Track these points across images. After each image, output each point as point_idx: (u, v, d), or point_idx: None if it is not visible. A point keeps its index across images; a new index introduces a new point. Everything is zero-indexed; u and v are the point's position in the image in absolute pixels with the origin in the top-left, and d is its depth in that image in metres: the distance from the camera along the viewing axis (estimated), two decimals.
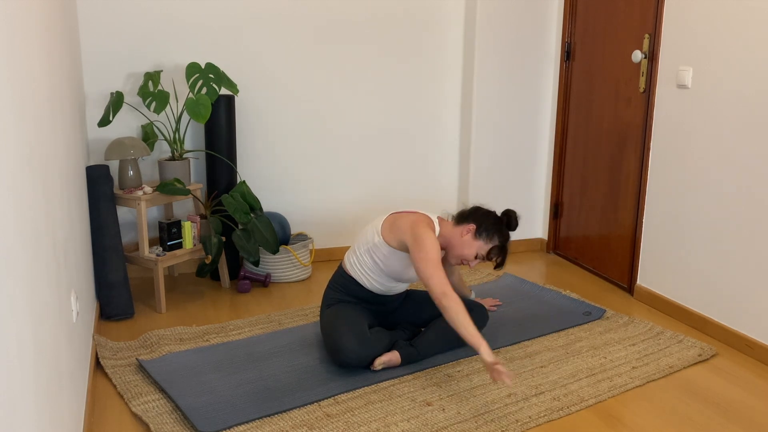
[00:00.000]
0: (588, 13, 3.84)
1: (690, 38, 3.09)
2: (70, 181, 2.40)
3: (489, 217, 2.67)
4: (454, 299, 2.41)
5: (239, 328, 3.03)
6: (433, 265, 2.48)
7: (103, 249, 3.09)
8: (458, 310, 2.39)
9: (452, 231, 2.68)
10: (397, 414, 2.35)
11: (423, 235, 2.53)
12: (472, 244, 2.65)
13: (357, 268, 2.74)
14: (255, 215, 3.37)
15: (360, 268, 2.73)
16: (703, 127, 3.05)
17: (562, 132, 4.12)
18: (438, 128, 4.16)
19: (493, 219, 2.67)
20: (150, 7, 3.48)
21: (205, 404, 2.36)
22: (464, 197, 4.21)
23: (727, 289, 2.99)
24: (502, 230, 2.67)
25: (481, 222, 2.66)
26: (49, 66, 2.01)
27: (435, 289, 2.44)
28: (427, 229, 2.57)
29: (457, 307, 2.40)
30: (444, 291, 2.42)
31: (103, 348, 2.77)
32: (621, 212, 3.66)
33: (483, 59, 4.00)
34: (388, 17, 3.90)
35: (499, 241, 2.66)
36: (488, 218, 2.67)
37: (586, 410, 2.42)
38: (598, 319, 3.18)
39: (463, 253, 2.65)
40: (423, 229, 2.56)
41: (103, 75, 3.48)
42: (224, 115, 3.49)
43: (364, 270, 2.72)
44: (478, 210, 2.71)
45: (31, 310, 1.38)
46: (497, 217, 2.69)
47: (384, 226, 2.69)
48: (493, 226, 2.66)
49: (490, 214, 2.69)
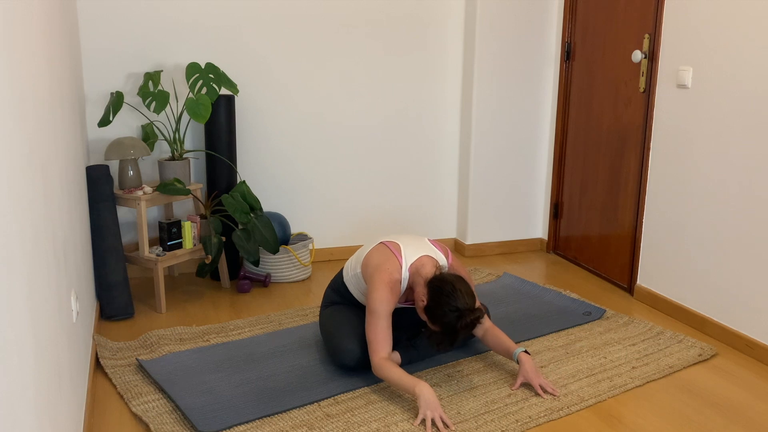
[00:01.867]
0: (588, 13, 3.84)
1: (690, 38, 3.09)
2: (70, 181, 2.40)
3: (442, 307, 2.33)
4: (384, 368, 2.36)
5: (239, 328, 3.03)
6: (377, 335, 2.42)
7: (103, 249, 3.09)
8: (389, 375, 2.35)
9: (417, 283, 2.47)
10: (397, 414, 2.35)
11: (375, 303, 2.43)
12: (422, 313, 2.43)
13: (350, 285, 2.74)
14: (255, 215, 3.37)
15: (353, 286, 2.73)
16: (703, 127, 3.05)
17: (562, 132, 4.12)
18: (438, 128, 4.16)
19: (446, 311, 2.32)
20: (150, 7, 3.48)
21: (205, 404, 2.36)
22: (464, 196, 4.21)
23: (727, 289, 2.99)
24: (452, 326, 2.33)
25: (434, 303, 2.36)
26: (49, 66, 2.01)
27: (371, 356, 2.42)
28: (382, 298, 2.43)
29: (388, 373, 2.36)
30: (375, 361, 2.40)
31: (103, 348, 2.77)
32: (621, 212, 3.66)
33: (483, 59, 4.00)
34: (388, 18, 3.90)
35: (442, 329, 2.36)
36: (441, 306, 2.33)
37: (586, 410, 2.42)
38: (598, 319, 3.18)
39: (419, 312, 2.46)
40: (377, 296, 2.44)
41: (103, 75, 3.48)
42: (224, 115, 3.49)
43: (355, 290, 2.73)
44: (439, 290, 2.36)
45: (31, 310, 1.38)
46: (457, 311, 2.31)
47: (364, 261, 2.60)
48: (444, 318, 2.33)
49: (448, 306, 2.32)
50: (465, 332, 2.35)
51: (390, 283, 2.46)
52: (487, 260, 4.16)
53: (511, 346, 2.58)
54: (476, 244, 4.24)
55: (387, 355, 2.42)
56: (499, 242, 4.29)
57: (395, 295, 2.47)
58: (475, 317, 2.33)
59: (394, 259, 2.53)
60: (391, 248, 2.57)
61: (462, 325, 2.32)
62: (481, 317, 2.35)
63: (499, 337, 2.61)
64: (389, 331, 2.44)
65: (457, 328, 2.32)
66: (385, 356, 2.41)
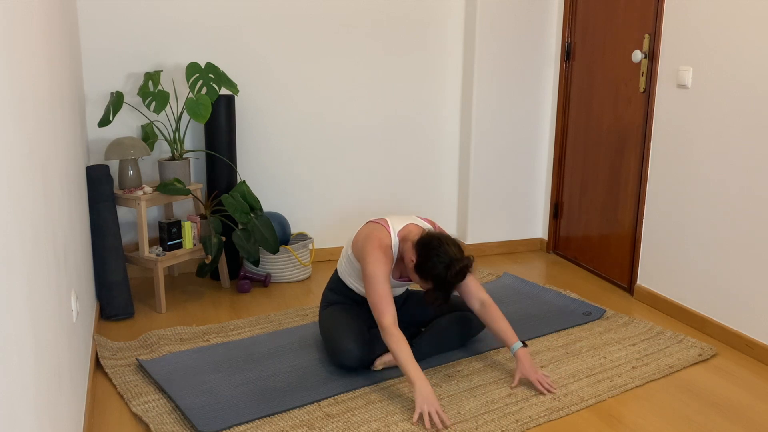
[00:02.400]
0: (588, 13, 3.84)
1: (690, 38, 3.09)
2: (70, 181, 2.40)
3: (431, 260, 2.38)
4: (394, 337, 2.36)
5: (239, 328, 3.03)
6: (378, 298, 2.41)
7: (103, 249, 3.09)
8: (397, 348, 2.35)
9: (406, 250, 2.50)
10: (397, 414, 2.35)
11: (370, 267, 2.45)
12: (413, 274, 2.47)
13: (348, 277, 2.75)
14: (255, 215, 3.37)
15: (349, 276, 2.74)
16: (703, 127, 3.05)
17: (562, 132, 4.12)
18: (438, 128, 4.16)
19: (435, 262, 2.37)
20: (150, 7, 3.48)
21: (205, 404, 2.36)
22: (464, 196, 4.21)
23: (727, 289, 2.99)
24: (442, 278, 2.38)
25: (422, 259, 2.40)
26: (49, 66, 2.01)
27: (379, 322, 2.41)
28: (376, 261, 2.45)
29: (395, 345, 2.35)
30: (384, 326, 2.39)
31: (103, 348, 2.77)
32: (621, 212, 3.66)
33: (483, 59, 4.00)
34: (388, 17, 3.90)
35: (435, 285, 2.42)
36: (430, 261, 2.38)
37: (586, 410, 2.42)
38: (598, 319, 3.18)
39: (412, 277, 2.50)
40: (371, 259, 2.46)
41: (103, 75, 3.48)
42: (224, 115, 3.49)
43: (352, 279, 2.73)
44: (427, 245, 2.41)
45: (31, 310, 1.38)
46: (445, 262, 2.36)
47: (353, 240, 2.63)
48: (433, 271, 2.37)
49: (435, 258, 2.37)
50: (456, 280, 2.38)
51: (381, 247, 2.49)
52: (487, 260, 4.16)
53: (510, 338, 2.57)
54: (476, 244, 4.24)
55: (393, 318, 2.40)
56: (499, 242, 4.30)
57: (388, 258, 2.49)
58: (464, 264, 2.38)
59: (383, 229, 2.56)
60: (379, 221, 2.62)
61: (452, 273, 2.36)
62: (470, 265, 2.40)
63: (497, 321, 2.60)
64: (390, 293, 2.45)
65: (447, 278, 2.36)
66: (392, 320, 2.39)
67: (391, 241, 2.54)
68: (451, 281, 2.38)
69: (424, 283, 2.44)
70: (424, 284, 2.45)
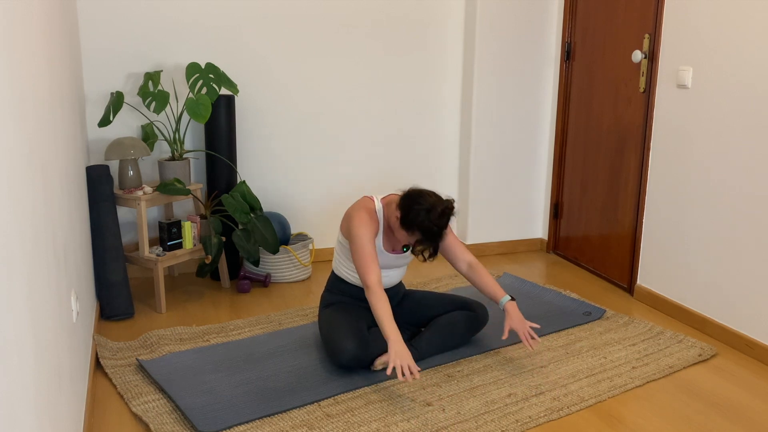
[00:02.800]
0: (588, 13, 3.84)
1: (690, 38, 3.09)
2: (70, 181, 2.40)
3: (413, 209, 2.45)
4: (376, 296, 2.45)
5: (239, 328, 3.03)
6: (363, 258, 2.51)
7: (103, 249, 3.09)
8: (377, 306, 2.44)
9: (390, 212, 2.59)
10: (397, 414, 2.35)
11: (355, 229, 2.56)
12: (400, 231, 2.54)
13: (340, 266, 2.77)
14: (255, 215, 3.37)
15: (341, 265, 2.77)
16: (703, 127, 3.05)
17: (562, 132, 4.12)
18: (438, 128, 4.16)
19: (417, 210, 2.44)
20: (150, 7, 3.48)
21: (205, 404, 2.36)
22: (464, 197, 4.21)
23: (727, 289, 2.99)
24: (427, 225, 2.45)
25: (405, 211, 2.48)
26: (49, 66, 2.01)
27: (364, 281, 2.50)
28: (360, 222, 2.55)
29: (377, 303, 2.44)
30: (369, 285, 2.48)
31: (103, 348, 2.77)
32: (621, 212, 3.66)
33: (483, 59, 4.00)
34: (387, 17, 3.90)
35: (422, 235, 2.49)
36: (413, 210, 2.45)
37: (586, 410, 2.42)
38: (598, 319, 3.18)
39: (399, 238, 2.58)
40: (356, 222, 2.56)
41: (103, 75, 3.48)
42: (224, 115, 3.49)
43: (344, 266, 2.75)
44: (408, 198, 2.50)
45: (31, 310, 1.38)
46: (426, 207, 2.44)
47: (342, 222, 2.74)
48: (416, 219, 2.45)
49: (417, 206, 2.45)
50: (441, 223, 2.45)
51: (366, 210, 2.59)
52: (487, 260, 4.16)
53: (498, 293, 2.70)
54: (476, 244, 4.24)
55: (378, 278, 2.49)
56: (499, 242, 4.30)
57: (374, 222, 2.58)
58: (445, 206, 2.47)
59: (367, 199, 2.67)
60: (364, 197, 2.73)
61: (435, 217, 2.44)
62: (451, 206, 2.48)
63: (485, 279, 2.74)
64: (375, 254, 2.53)
65: (431, 222, 2.44)
66: (377, 280, 2.49)
67: (375, 206, 2.64)
68: (435, 225, 2.45)
69: (411, 236, 2.52)
70: (411, 237, 2.52)
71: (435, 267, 3.97)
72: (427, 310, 2.85)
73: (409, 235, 2.51)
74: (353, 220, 2.58)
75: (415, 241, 2.53)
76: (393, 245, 2.70)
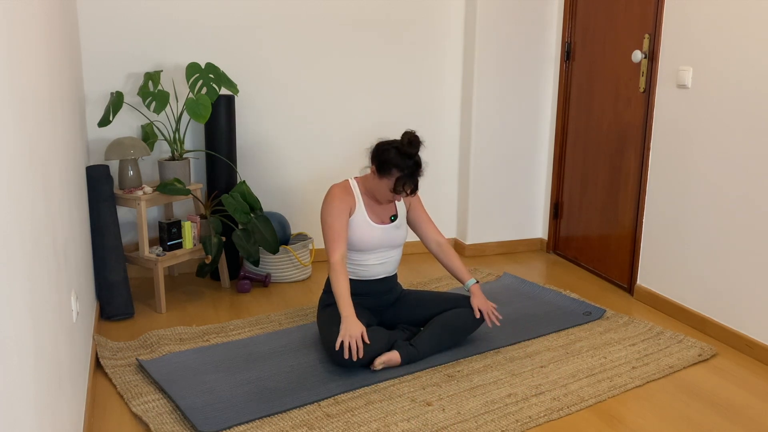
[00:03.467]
0: (588, 13, 3.84)
1: (690, 38, 3.09)
2: (70, 181, 2.40)
3: (383, 151, 2.61)
4: (337, 273, 2.58)
5: (239, 328, 3.03)
6: (331, 234, 2.64)
7: (103, 249, 3.09)
8: (336, 283, 2.57)
9: (367, 178, 2.73)
10: (397, 414, 2.35)
11: (325, 205, 2.69)
12: (380, 183, 2.64)
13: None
14: (255, 215, 3.37)
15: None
16: (703, 127, 3.05)
17: (562, 132, 4.12)
18: (438, 128, 4.16)
19: (386, 150, 2.61)
20: (150, 7, 3.48)
21: (205, 404, 2.36)
22: (464, 197, 4.21)
23: (727, 289, 2.99)
24: (400, 159, 2.58)
25: (377, 160, 2.63)
26: (49, 66, 2.01)
27: (329, 257, 2.63)
28: (331, 197, 2.69)
29: (337, 281, 2.57)
30: (332, 262, 2.61)
31: (103, 348, 2.77)
32: (621, 212, 3.66)
33: (483, 59, 4.00)
34: (388, 18, 3.90)
35: (399, 171, 2.59)
36: (383, 153, 2.61)
37: (586, 410, 2.42)
38: (598, 319, 3.18)
39: (382, 195, 2.67)
40: (327, 199, 2.70)
41: (103, 75, 3.48)
42: (224, 115, 3.49)
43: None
44: (376, 147, 2.66)
45: (31, 310, 1.38)
46: (395, 147, 2.60)
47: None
48: (388, 158, 2.59)
49: (386, 147, 2.62)
50: (412, 150, 2.58)
51: (338, 187, 2.72)
52: (487, 260, 4.16)
53: (465, 276, 2.87)
54: (476, 244, 4.24)
55: (342, 256, 2.61)
56: (499, 242, 4.30)
57: (348, 194, 2.70)
58: (410, 136, 2.60)
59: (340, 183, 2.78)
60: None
61: (405, 148, 2.58)
62: (413, 132, 2.62)
63: (453, 261, 2.89)
64: (343, 231, 2.64)
65: (403, 155, 2.57)
66: (340, 258, 2.61)
67: (350, 184, 2.76)
68: (406, 154, 2.58)
69: (389, 179, 2.61)
70: (390, 181, 2.61)
71: (435, 267, 3.97)
72: (425, 309, 2.86)
73: (388, 180, 2.61)
74: (326, 198, 2.71)
75: (394, 182, 2.61)
76: (380, 216, 2.76)
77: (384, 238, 2.76)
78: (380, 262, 2.80)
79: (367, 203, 2.76)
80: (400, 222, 2.83)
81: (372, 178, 2.69)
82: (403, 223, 2.85)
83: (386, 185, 2.64)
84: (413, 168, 2.60)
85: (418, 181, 2.64)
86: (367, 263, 2.77)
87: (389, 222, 2.79)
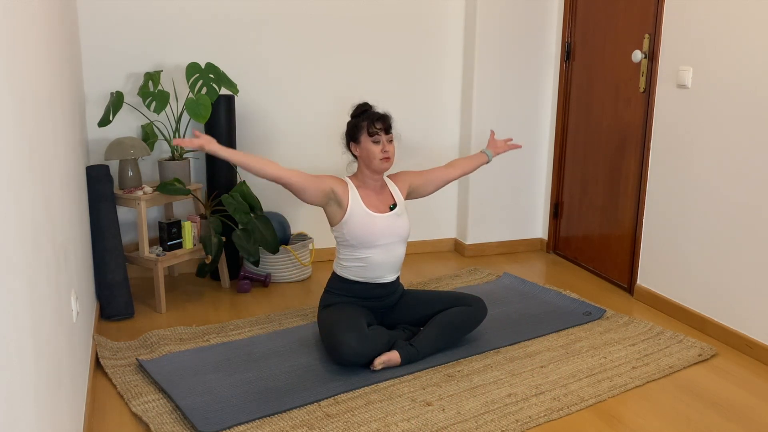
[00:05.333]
0: (588, 13, 3.84)
1: (690, 38, 3.09)
2: (70, 181, 2.40)
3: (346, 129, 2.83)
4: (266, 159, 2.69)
5: (239, 328, 3.03)
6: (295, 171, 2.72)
7: (103, 249, 3.09)
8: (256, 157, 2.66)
9: (358, 168, 2.84)
10: (397, 414, 2.35)
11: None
12: (362, 148, 2.76)
13: (341, 262, 2.80)
14: (255, 215, 3.37)
15: (342, 260, 2.79)
16: (703, 127, 3.05)
17: (562, 132, 4.12)
18: (438, 128, 4.16)
19: (347, 126, 2.83)
20: (150, 7, 3.48)
21: (205, 404, 2.36)
22: (464, 197, 4.21)
23: (727, 289, 2.99)
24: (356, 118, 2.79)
25: (347, 137, 2.83)
26: (49, 66, 2.01)
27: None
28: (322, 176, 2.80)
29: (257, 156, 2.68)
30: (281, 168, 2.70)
31: (103, 348, 2.77)
32: (621, 212, 3.66)
33: (483, 59, 4.00)
34: (387, 18, 3.90)
35: (362, 122, 2.75)
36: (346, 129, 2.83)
37: (586, 410, 2.42)
38: (598, 319, 3.18)
39: (373, 156, 2.74)
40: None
41: (103, 75, 3.48)
42: (224, 115, 3.49)
43: (344, 259, 2.78)
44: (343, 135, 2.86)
45: (31, 310, 1.38)
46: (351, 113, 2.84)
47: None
48: (350, 127, 2.80)
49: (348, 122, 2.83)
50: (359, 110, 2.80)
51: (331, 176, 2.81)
52: (487, 260, 4.16)
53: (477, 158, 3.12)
54: (476, 244, 4.24)
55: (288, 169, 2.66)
56: (499, 242, 4.30)
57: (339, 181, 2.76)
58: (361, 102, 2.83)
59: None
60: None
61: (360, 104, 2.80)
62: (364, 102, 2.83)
63: (465, 161, 3.11)
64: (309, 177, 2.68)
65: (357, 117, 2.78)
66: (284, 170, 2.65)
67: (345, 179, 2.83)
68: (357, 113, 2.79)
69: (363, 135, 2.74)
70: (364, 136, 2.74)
71: (435, 267, 3.98)
72: (425, 308, 2.86)
73: (363, 137, 2.74)
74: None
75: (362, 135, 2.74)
76: (378, 206, 2.78)
77: (386, 227, 2.75)
78: (384, 258, 2.76)
79: (363, 195, 2.77)
80: (401, 210, 2.82)
81: (359, 157, 2.80)
82: (403, 211, 2.84)
83: (366, 142, 2.74)
84: (370, 112, 2.77)
85: (383, 114, 2.76)
86: (371, 259, 2.75)
87: (389, 211, 2.79)
